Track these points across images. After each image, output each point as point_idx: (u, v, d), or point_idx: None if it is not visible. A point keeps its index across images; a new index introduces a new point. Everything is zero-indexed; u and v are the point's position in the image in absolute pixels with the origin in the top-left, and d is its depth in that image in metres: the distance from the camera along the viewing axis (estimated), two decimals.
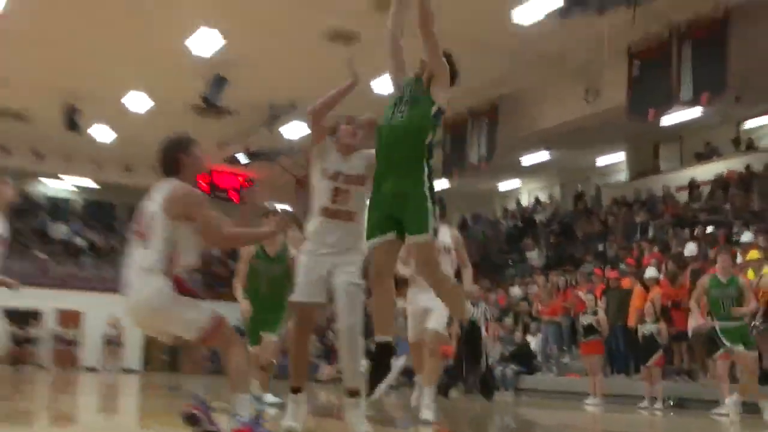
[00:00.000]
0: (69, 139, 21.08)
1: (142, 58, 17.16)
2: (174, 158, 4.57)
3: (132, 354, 24.18)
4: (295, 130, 20.75)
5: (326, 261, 5.00)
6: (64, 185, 28.22)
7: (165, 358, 25.65)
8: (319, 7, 14.67)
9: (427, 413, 6.63)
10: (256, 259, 7.89)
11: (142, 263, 4.27)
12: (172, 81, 17.84)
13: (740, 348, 9.26)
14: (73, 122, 19.47)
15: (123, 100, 19.72)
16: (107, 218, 28.94)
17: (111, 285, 25.10)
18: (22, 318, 23.23)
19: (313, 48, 16.29)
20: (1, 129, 21.60)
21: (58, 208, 28.71)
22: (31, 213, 27.48)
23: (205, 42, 16.34)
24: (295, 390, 5.12)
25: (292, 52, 16.64)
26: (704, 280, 9.99)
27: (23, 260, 23.21)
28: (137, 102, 19.85)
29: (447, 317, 7.08)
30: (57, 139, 22.10)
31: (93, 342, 23.94)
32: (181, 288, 4.29)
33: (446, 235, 6.89)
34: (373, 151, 4.94)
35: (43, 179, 28.01)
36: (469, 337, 11.77)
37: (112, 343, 23.62)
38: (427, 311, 7.04)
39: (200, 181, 24.51)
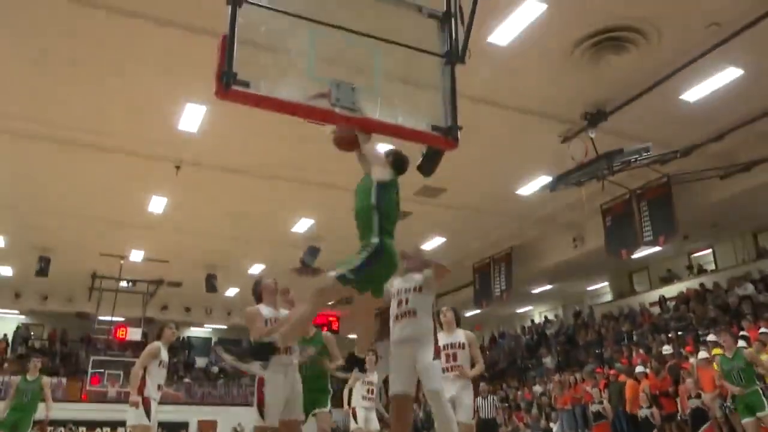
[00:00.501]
0: (208, 297, 21.73)
1: (261, 239, 17.97)
2: (255, 291, 5.98)
3: None
4: None
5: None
6: (205, 329, 28.81)
7: None
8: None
9: None
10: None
11: None
12: (280, 251, 18.52)
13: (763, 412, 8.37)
14: (212, 285, 20.13)
15: (247, 267, 20.49)
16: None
17: (236, 400, 25.15)
18: (172, 429, 23.11)
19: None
20: (164, 293, 22.30)
21: (200, 346, 29.16)
22: (181, 350, 28.06)
23: (302, 224, 17.12)
24: None
25: None
26: (716, 360, 9.35)
27: (176, 384, 23.42)
28: (255, 268, 20.62)
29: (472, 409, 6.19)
30: (201, 298, 22.81)
31: None
32: None
33: (461, 335, 6.33)
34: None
35: (192, 327, 28.83)
36: (485, 427, 11.10)
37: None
38: (454, 402, 5.74)
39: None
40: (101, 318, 21.42)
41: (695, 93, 11.07)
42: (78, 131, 12.18)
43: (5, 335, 25.60)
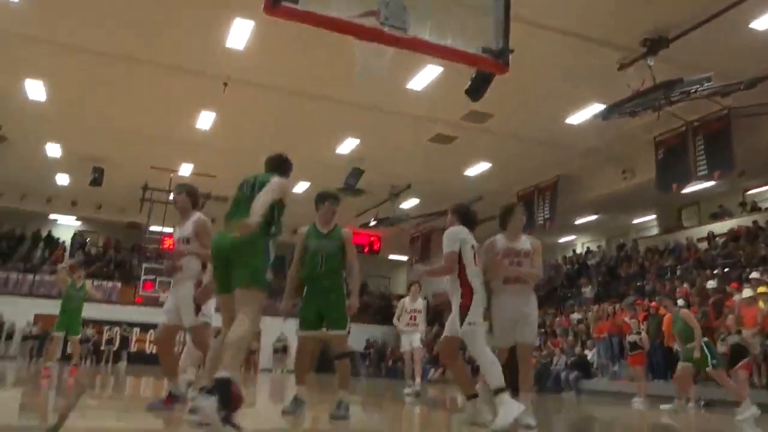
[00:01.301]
0: None
1: (307, 159, 18.11)
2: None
3: (292, 358, 24.79)
4: (408, 203, 21.38)
5: None
6: None
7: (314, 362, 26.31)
8: (427, 119, 15.23)
9: (529, 418, 4.98)
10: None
11: None
12: (325, 171, 18.68)
13: None
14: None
15: (292, 186, 20.81)
16: (279, 265, 30.02)
17: (278, 312, 26.17)
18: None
19: (421, 147, 16.83)
20: (211, 207, 22.83)
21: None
22: None
23: (347, 145, 17.17)
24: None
25: (407, 150, 17.22)
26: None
27: None
28: (300, 186, 20.93)
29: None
30: None
31: (267, 351, 24.72)
32: None
33: (527, 242, 5.34)
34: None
35: None
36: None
37: (279, 352, 24.45)
38: (521, 320, 5.15)
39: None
40: (152, 229, 22.22)
41: (766, 22, 10.42)
42: (131, 47, 12.34)
43: (63, 241, 26.96)
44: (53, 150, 18.57)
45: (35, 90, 14.51)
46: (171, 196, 20.91)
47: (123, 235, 27.04)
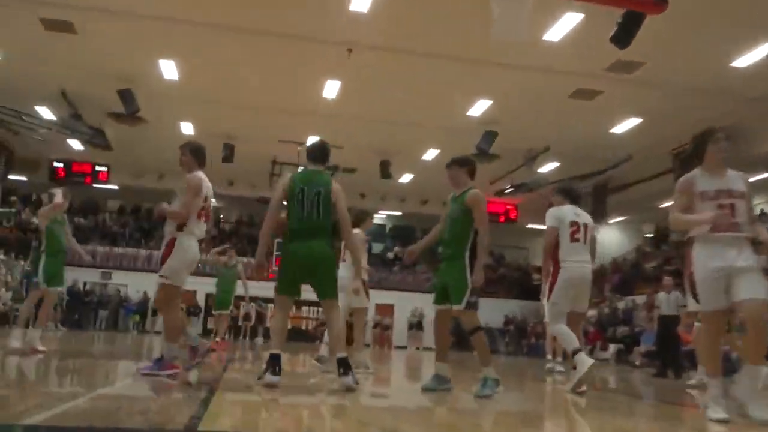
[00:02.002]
0: (383, 183, 22.65)
1: (436, 125, 18.15)
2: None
3: (428, 335, 25.23)
4: (547, 167, 20.80)
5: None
6: (379, 216, 30.29)
7: (452, 338, 26.52)
8: (567, 73, 14.64)
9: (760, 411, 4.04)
10: None
11: None
12: (455, 136, 18.63)
13: None
14: (386, 172, 20.89)
15: (421, 154, 20.96)
16: (408, 237, 30.52)
17: (413, 286, 26.59)
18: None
19: (560, 104, 16.22)
20: (339, 180, 23.44)
21: (374, 232, 30.83)
22: None
23: (479, 107, 16.93)
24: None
25: (545, 109, 16.68)
26: None
27: None
28: (429, 153, 21.03)
29: None
30: (375, 185, 23.84)
31: (401, 327, 25.29)
32: None
33: (739, 180, 4.45)
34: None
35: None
36: (669, 325, 10.48)
37: (414, 327, 24.90)
38: (737, 275, 4.13)
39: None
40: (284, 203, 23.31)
41: None
42: (256, 20, 12.88)
43: None
44: (187, 128, 19.93)
45: (168, 69, 15.61)
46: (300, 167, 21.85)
47: (255, 210, 28.64)
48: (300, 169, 5.42)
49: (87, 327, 21.35)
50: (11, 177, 23.59)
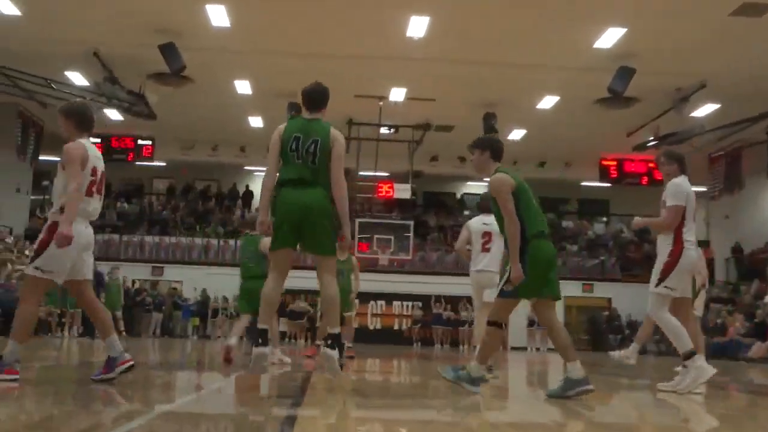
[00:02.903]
0: None
1: (553, 64, 17.74)
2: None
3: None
4: (702, 110, 20.00)
5: None
6: (484, 185, 30.06)
7: (585, 338, 26.26)
8: None
9: None
10: None
11: None
12: (577, 77, 18.16)
13: None
14: (490, 127, 20.63)
15: (535, 102, 20.62)
16: None
17: None
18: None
19: (719, 26, 15.47)
20: (432, 140, 23.51)
21: (482, 206, 30.67)
22: (459, 211, 30.05)
23: (609, 37, 16.42)
24: None
25: (698, 34, 15.97)
26: None
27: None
28: (545, 100, 20.64)
29: None
30: None
31: (518, 325, 24.93)
32: None
33: None
34: None
35: (468, 182, 30.59)
36: None
37: (535, 324, 24.67)
38: None
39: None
40: (362, 173, 23.54)
41: None
42: None
43: None
44: (243, 87, 20.37)
45: (218, 15, 15.95)
46: (383, 130, 21.97)
47: None
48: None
49: (138, 332, 22.21)
50: (42, 158, 24.82)
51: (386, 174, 25.52)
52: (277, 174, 5.45)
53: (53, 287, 5.41)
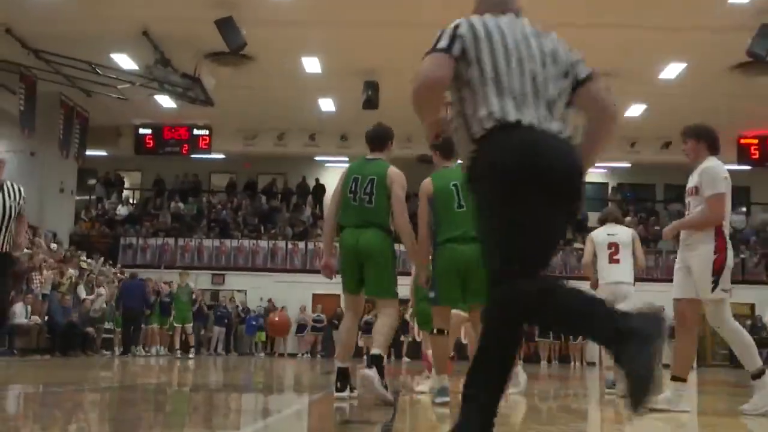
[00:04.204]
0: None
1: (677, 24, 17.36)
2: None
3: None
4: None
5: None
6: (597, 171, 29.65)
7: (724, 352, 25.63)
8: None
9: None
10: None
11: None
12: (709, 39, 17.78)
13: None
14: None
15: (656, 71, 20.24)
16: (644, 199, 29.62)
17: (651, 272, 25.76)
18: None
19: None
20: None
21: (590, 194, 30.20)
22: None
23: None
24: None
25: None
26: None
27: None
28: (669, 68, 20.24)
29: None
30: None
31: None
32: None
33: None
34: None
35: None
36: None
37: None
38: None
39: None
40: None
41: None
42: None
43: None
44: (311, 65, 20.56)
45: None
46: None
47: (414, 173, 29.03)
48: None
49: (198, 348, 22.59)
50: (88, 153, 25.53)
51: None
52: (335, 218, 6.36)
53: None
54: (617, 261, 8.26)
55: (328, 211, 6.51)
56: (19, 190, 7.18)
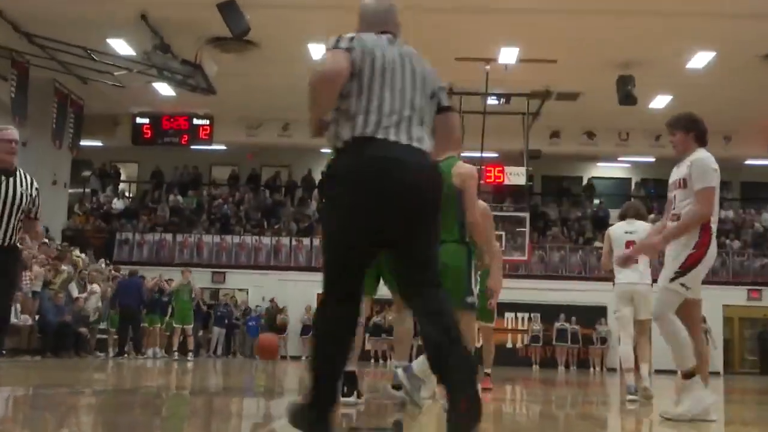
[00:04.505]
0: (623, 113, 22.05)
1: (707, 10, 17.30)
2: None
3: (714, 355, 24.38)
4: None
5: None
6: (619, 165, 29.66)
7: (753, 358, 25.58)
8: None
9: None
10: None
11: None
12: (740, 26, 17.76)
13: None
14: (627, 94, 20.29)
15: (683, 60, 20.18)
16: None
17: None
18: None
19: None
20: (552, 112, 23.30)
21: (610, 190, 30.19)
22: (587, 199, 29.68)
23: None
24: None
25: None
26: None
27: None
28: (696, 57, 20.18)
29: None
30: (609, 115, 23.29)
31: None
32: None
33: None
34: None
35: (598, 163, 30.12)
36: None
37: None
38: None
39: None
40: (466, 155, 23.42)
41: None
42: None
43: None
44: (319, 52, 20.52)
45: None
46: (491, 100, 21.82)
47: None
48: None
49: (197, 350, 22.57)
50: (83, 143, 25.59)
51: (495, 155, 25.42)
52: None
53: None
54: (635, 261, 8.03)
55: None
56: (32, 181, 6.70)
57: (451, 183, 5.98)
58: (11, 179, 6.44)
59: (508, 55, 20.26)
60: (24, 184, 6.53)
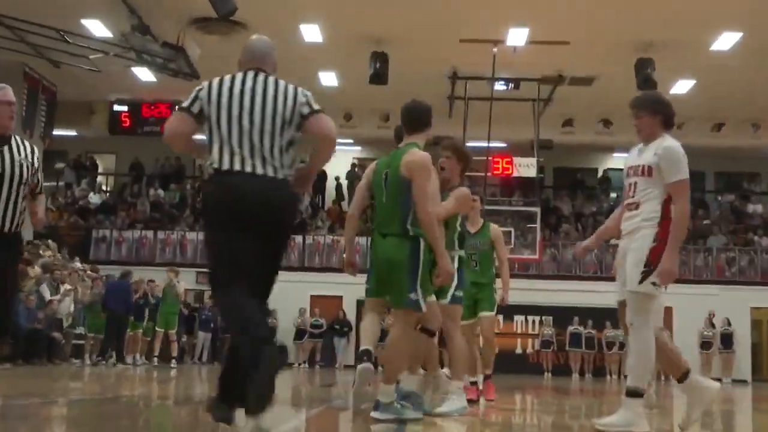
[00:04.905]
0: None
1: None
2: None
3: (741, 361, 24.39)
4: None
5: None
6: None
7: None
8: None
9: None
10: None
11: None
12: (766, 4, 17.69)
13: None
14: (644, 78, 20.26)
15: (707, 42, 20.17)
16: (693, 188, 29.51)
17: (709, 273, 25.66)
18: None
19: None
20: (565, 98, 23.31)
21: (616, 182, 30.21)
22: (601, 192, 29.68)
23: None
24: None
25: None
26: None
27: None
28: (722, 38, 20.16)
29: None
30: (627, 101, 23.22)
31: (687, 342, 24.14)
32: None
33: None
34: None
35: (614, 154, 30.09)
36: None
37: (707, 346, 24.10)
38: None
39: None
40: (472, 144, 23.42)
41: None
42: None
43: (337, 178, 29.94)
44: (311, 33, 20.51)
45: None
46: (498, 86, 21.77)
47: None
48: None
49: (181, 356, 22.55)
50: (55, 132, 25.51)
51: (503, 145, 25.42)
52: (357, 218, 6.92)
53: None
54: None
55: (350, 208, 6.87)
56: (33, 148, 6.02)
57: (398, 173, 6.13)
58: (6, 147, 5.79)
59: (517, 37, 20.21)
60: (24, 152, 5.89)
